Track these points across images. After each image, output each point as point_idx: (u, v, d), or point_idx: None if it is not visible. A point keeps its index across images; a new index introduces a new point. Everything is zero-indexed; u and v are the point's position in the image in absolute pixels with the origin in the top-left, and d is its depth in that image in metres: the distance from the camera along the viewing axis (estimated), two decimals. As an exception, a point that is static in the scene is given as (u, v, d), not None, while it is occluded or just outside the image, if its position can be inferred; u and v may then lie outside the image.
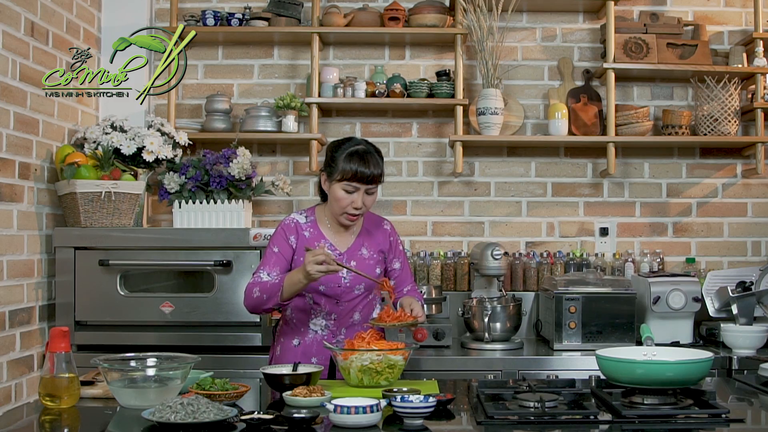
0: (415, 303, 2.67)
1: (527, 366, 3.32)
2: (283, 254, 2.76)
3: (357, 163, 2.67)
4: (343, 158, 2.68)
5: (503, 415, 2.09)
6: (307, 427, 2.01)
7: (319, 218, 2.83)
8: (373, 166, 2.69)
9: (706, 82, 3.90)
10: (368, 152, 2.71)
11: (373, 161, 2.70)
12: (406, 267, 2.95)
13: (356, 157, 2.67)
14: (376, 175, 2.70)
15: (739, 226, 4.11)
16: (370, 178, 2.69)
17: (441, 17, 3.95)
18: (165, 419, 1.95)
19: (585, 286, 3.54)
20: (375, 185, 2.72)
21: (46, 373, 2.22)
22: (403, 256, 2.94)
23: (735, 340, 3.38)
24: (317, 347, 2.78)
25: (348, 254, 2.79)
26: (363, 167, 2.67)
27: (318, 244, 2.75)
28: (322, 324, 2.79)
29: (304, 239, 2.78)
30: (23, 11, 3.20)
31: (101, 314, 3.42)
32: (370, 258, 2.82)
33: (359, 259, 2.80)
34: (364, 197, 2.71)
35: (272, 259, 2.74)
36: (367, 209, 2.76)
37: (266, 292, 2.64)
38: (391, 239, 2.91)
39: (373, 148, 2.76)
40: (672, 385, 2.20)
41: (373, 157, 2.71)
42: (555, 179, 4.12)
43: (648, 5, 4.13)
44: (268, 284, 2.65)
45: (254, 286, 2.68)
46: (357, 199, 2.69)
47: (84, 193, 3.36)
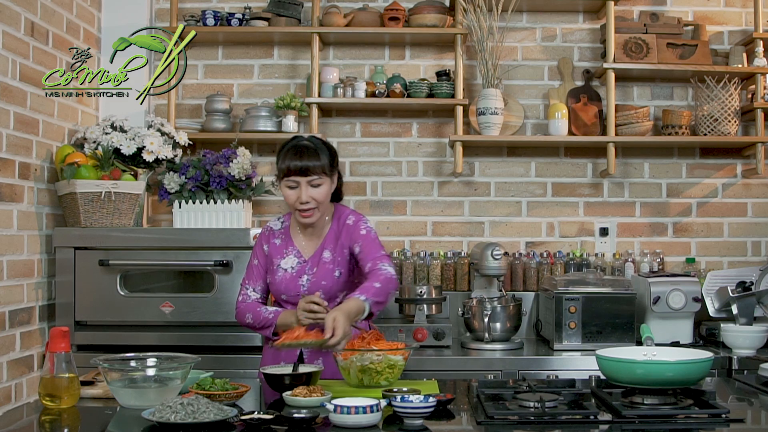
0: (340, 318, 2.36)
1: (527, 366, 3.32)
2: (261, 265, 2.81)
3: (291, 158, 2.65)
4: (282, 155, 2.69)
5: (503, 415, 2.09)
6: (307, 427, 2.01)
7: (292, 223, 2.83)
8: (308, 158, 2.64)
9: (706, 82, 3.90)
10: (304, 146, 2.68)
11: (308, 153, 2.65)
12: (368, 244, 2.72)
13: (291, 152, 2.67)
14: (311, 167, 2.64)
15: (739, 226, 4.11)
16: (305, 169, 2.64)
17: (441, 17, 3.95)
18: (165, 419, 1.95)
19: (585, 286, 3.54)
20: (316, 176, 2.65)
21: (46, 373, 2.22)
22: (367, 237, 2.73)
23: (735, 340, 3.38)
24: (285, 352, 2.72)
25: (311, 261, 2.75)
26: (296, 160, 2.64)
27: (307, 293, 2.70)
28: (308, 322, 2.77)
29: (274, 247, 2.80)
30: (23, 11, 3.20)
31: (101, 314, 3.42)
32: (331, 261, 2.74)
33: (320, 264, 2.74)
34: (309, 190, 2.66)
35: (254, 272, 2.81)
36: (318, 203, 2.68)
37: (258, 323, 2.73)
38: (352, 228, 2.76)
39: (319, 142, 2.72)
40: (672, 385, 2.20)
41: (310, 149, 2.66)
42: (555, 179, 4.12)
43: (648, 5, 4.13)
44: (261, 316, 2.72)
45: (246, 310, 2.75)
46: (301, 193, 2.65)
47: (84, 193, 3.36)
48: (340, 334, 2.33)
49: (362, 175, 4.12)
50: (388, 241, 4.08)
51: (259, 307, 2.75)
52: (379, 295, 2.54)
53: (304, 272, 2.75)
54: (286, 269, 2.76)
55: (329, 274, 2.73)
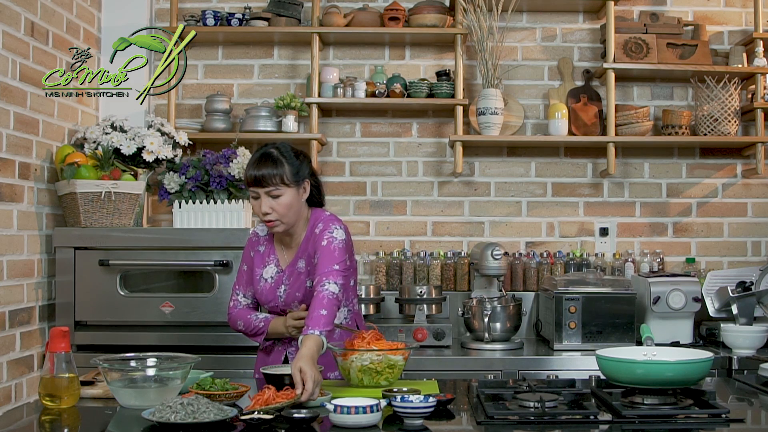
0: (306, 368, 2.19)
1: (527, 366, 3.32)
2: (250, 270, 2.79)
3: (250, 168, 2.60)
4: (247, 165, 2.65)
5: (503, 415, 2.09)
6: (307, 427, 2.01)
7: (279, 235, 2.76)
8: (265, 168, 2.56)
9: (706, 82, 3.90)
10: (266, 154, 2.60)
11: (266, 163, 2.58)
12: (324, 256, 2.57)
13: (252, 163, 2.61)
14: (266, 177, 2.55)
15: (739, 226, 4.11)
16: (260, 180, 2.56)
17: (441, 17, 3.95)
18: (165, 419, 1.95)
19: (585, 286, 3.54)
20: (274, 187, 2.57)
21: (46, 373, 2.22)
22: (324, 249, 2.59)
23: (735, 340, 3.38)
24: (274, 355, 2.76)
25: (288, 270, 2.72)
26: (253, 170, 2.58)
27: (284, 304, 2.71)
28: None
29: (258, 255, 2.77)
30: (23, 11, 3.20)
31: (101, 314, 3.42)
32: (304, 272, 2.69)
33: (295, 275, 2.70)
34: (269, 201, 2.58)
35: (243, 278, 2.81)
36: (279, 214, 2.59)
37: (250, 330, 2.74)
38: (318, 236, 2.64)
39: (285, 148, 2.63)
40: (672, 385, 2.20)
41: (269, 159, 2.59)
42: (555, 179, 4.12)
43: (648, 5, 4.13)
44: (252, 323, 2.72)
45: (237, 318, 2.76)
46: (262, 204, 2.59)
47: (84, 193, 3.36)
48: (311, 387, 2.15)
49: (362, 175, 4.12)
50: (388, 241, 4.08)
51: (250, 315, 2.75)
52: (329, 323, 2.41)
53: (281, 282, 2.72)
54: (266, 279, 2.73)
55: (302, 285, 2.68)
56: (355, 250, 4.05)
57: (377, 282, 3.97)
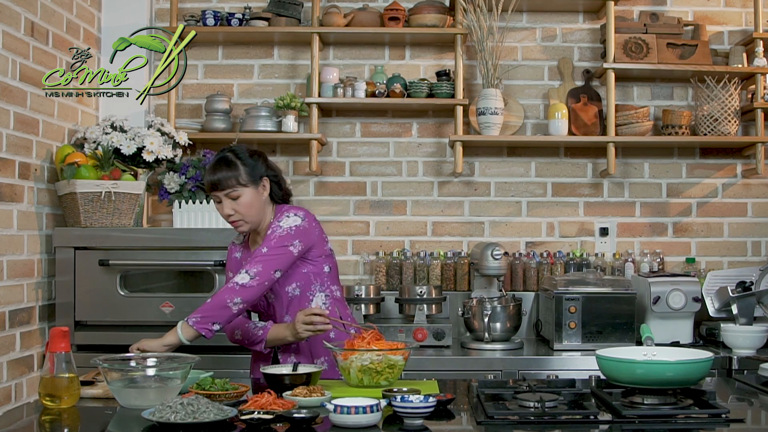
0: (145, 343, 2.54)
1: (527, 366, 3.32)
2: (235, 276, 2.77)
3: (208, 173, 2.65)
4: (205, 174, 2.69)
5: (503, 415, 2.09)
6: (307, 427, 2.01)
7: (251, 235, 2.81)
8: (220, 172, 2.61)
9: (706, 82, 3.90)
10: (222, 158, 2.65)
11: (222, 168, 2.62)
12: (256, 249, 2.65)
13: (209, 169, 2.66)
14: (222, 180, 2.60)
15: (739, 226, 4.11)
16: (216, 184, 2.62)
17: (441, 17, 3.95)
18: (165, 419, 1.95)
19: (585, 286, 3.54)
20: (231, 189, 2.61)
21: (46, 373, 2.22)
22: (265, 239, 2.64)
23: (735, 340, 3.38)
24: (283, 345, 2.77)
25: None
26: (210, 175, 2.64)
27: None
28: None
29: (234, 260, 2.81)
30: (23, 11, 3.20)
31: (101, 314, 3.42)
32: None
33: None
34: (231, 204, 2.63)
35: None
36: (242, 215, 2.64)
37: (248, 339, 2.74)
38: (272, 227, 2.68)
39: (237, 152, 2.66)
40: (672, 385, 2.20)
41: (224, 163, 2.63)
42: (555, 179, 4.12)
43: (648, 5, 4.13)
44: (249, 332, 2.72)
45: (234, 327, 2.75)
46: (225, 207, 2.65)
47: (84, 193, 3.36)
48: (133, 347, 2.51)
49: (362, 175, 4.12)
50: (388, 241, 4.08)
51: (248, 323, 2.75)
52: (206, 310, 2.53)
53: None
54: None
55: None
56: (355, 250, 4.08)
57: (377, 282, 3.97)
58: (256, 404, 2.10)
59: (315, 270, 2.73)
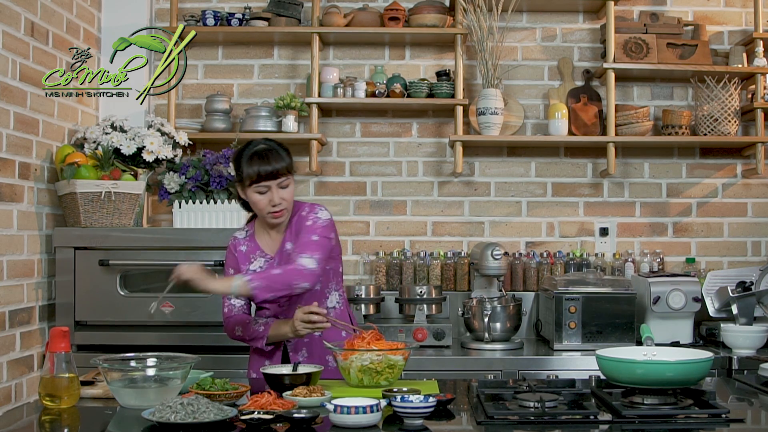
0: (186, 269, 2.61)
1: (527, 366, 3.32)
2: (236, 271, 2.79)
3: (258, 164, 2.67)
4: (246, 163, 2.69)
5: (503, 415, 2.09)
6: (307, 427, 2.01)
7: (256, 229, 2.84)
8: (275, 161, 2.68)
9: (706, 82, 3.90)
10: (267, 149, 2.71)
11: (273, 156, 2.69)
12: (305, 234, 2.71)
13: (256, 158, 2.68)
14: (279, 169, 2.67)
15: (739, 226, 4.11)
16: (275, 173, 2.67)
17: (441, 17, 3.95)
18: (165, 419, 1.95)
19: (585, 286, 3.54)
20: (284, 178, 2.69)
21: (46, 373, 2.22)
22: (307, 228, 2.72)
23: (735, 340, 3.38)
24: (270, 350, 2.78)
25: (278, 256, 2.77)
26: (265, 165, 2.67)
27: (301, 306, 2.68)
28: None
29: (241, 254, 2.81)
30: (23, 11, 3.20)
31: (101, 314, 3.42)
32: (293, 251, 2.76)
33: (285, 256, 2.75)
34: (279, 192, 2.69)
35: None
36: (288, 203, 2.72)
37: (249, 335, 2.74)
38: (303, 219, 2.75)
39: (274, 143, 2.75)
40: (672, 385, 2.20)
41: (273, 152, 2.70)
42: (555, 179, 4.12)
43: (648, 5, 4.13)
44: (251, 328, 2.73)
45: (235, 323, 2.76)
46: (273, 196, 2.69)
47: (84, 193, 3.36)
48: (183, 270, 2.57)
49: (362, 175, 4.12)
50: (388, 241, 4.08)
51: (249, 320, 2.76)
52: (271, 280, 2.57)
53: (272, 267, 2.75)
54: (255, 270, 2.76)
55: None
56: (355, 250, 4.09)
57: (377, 282, 3.97)
58: (256, 404, 2.10)
59: (334, 267, 2.82)
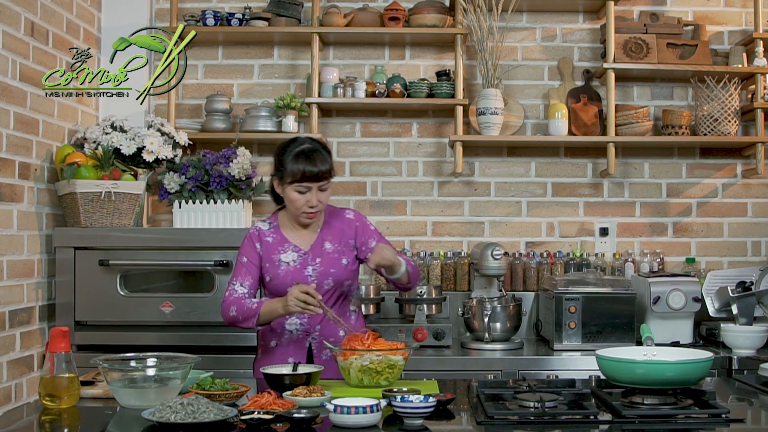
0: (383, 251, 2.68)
1: (527, 366, 3.32)
2: (252, 262, 2.81)
3: (304, 163, 2.68)
4: (290, 160, 2.70)
5: (503, 415, 2.09)
6: (307, 427, 2.01)
7: (281, 222, 2.86)
8: (320, 163, 2.69)
9: (706, 82, 3.90)
10: (314, 150, 2.71)
11: (319, 158, 2.70)
12: (384, 240, 2.87)
13: (302, 158, 2.69)
14: (324, 172, 2.70)
15: (739, 226, 4.11)
16: (319, 175, 2.69)
17: (441, 17, 3.95)
18: (165, 419, 1.95)
19: (585, 286, 3.54)
20: (326, 182, 2.72)
21: (46, 373, 2.22)
22: (377, 234, 2.89)
23: (735, 340, 3.38)
24: (294, 347, 2.80)
25: (312, 252, 2.80)
26: (310, 166, 2.68)
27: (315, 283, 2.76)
28: (296, 323, 2.80)
29: (267, 244, 2.82)
30: (23, 11, 3.20)
31: (101, 314, 3.42)
32: (335, 251, 2.82)
33: (324, 254, 2.80)
34: (318, 194, 2.71)
35: (243, 270, 2.81)
36: (323, 206, 2.77)
37: (242, 314, 2.72)
38: (357, 225, 2.87)
39: (319, 144, 2.77)
40: (672, 385, 2.20)
41: (319, 154, 2.71)
42: (555, 179, 4.12)
43: (648, 5, 4.13)
44: (245, 306, 2.71)
45: (231, 304, 2.75)
46: (311, 198, 2.70)
47: (84, 193, 3.36)
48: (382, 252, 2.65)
49: (362, 175, 4.12)
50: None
51: (244, 299, 2.75)
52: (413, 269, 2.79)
53: (307, 263, 2.79)
54: (288, 263, 2.79)
55: (336, 263, 2.80)
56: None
57: (377, 282, 3.97)
58: (256, 404, 2.10)
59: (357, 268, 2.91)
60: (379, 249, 2.67)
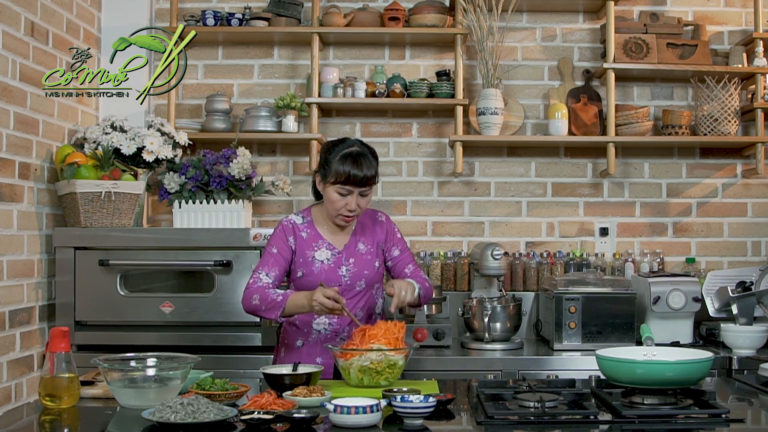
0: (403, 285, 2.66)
1: (527, 366, 3.32)
2: (282, 254, 2.77)
3: (350, 166, 2.65)
4: (337, 161, 2.67)
5: (503, 415, 2.09)
6: (307, 427, 2.01)
7: (315, 218, 2.84)
8: (366, 168, 2.67)
9: (706, 82, 3.90)
10: (361, 154, 2.69)
11: (366, 163, 2.67)
12: (407, 252, 2.92)
13: (349, 160, 2.66)
14: (369, 177, 2.67)
15: (739, 226, 4.11)
16: (363, 180, 2.67)
17: (441, 17, 3.95)
18: (165, 419, 1.95)
19: (585, 286, 3.54)
20: (369, 187, 2.70)
21: (46, 373, 2.22)
22: (403, 243, 2.92)
23: (735, 340, 3.38)
24: (321, 347, 2.79)
25: (346, 252, 2.80)
26: (356, 170, 2.65)
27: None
28: (325, 323, 2.79)
29: (302, 240, 2.80)
30: (23, 11, 3.20)
31: (101, 314, 3.42)
32: (368, 253, 2.83)
33: (357, 256, 2.81)
34: (358, 199, 2.70)
35: (271, 260, 2.76)
36: (362, 210, 2.74)
37: (266, 304, 2.66)
38: (387, 229, 2.90)
39: (367, 149, 2.74)
40: (672, 385, 2.20)
41: (366, 159, 2.68)
42: (555, 179, 4.12)
43: (648, 5, 4.13)
44: (269, 297, 2.66)
45: (254, 292, 2.69)
46: (351, 201, 2.68)
47: (84, 193, 3.36)
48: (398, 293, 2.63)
49: (362, 175, 4.12)
50: (388, 241, 4.08)
51: (268, 289, 2.70)
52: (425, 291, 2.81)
53: (341, 263, 2.78)
54: (322, 261, 2.78)
55: (369, 265, 2.81)
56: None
57: (377, 282, 3.97)
58: (256, 404, 2.10)
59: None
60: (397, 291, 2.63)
